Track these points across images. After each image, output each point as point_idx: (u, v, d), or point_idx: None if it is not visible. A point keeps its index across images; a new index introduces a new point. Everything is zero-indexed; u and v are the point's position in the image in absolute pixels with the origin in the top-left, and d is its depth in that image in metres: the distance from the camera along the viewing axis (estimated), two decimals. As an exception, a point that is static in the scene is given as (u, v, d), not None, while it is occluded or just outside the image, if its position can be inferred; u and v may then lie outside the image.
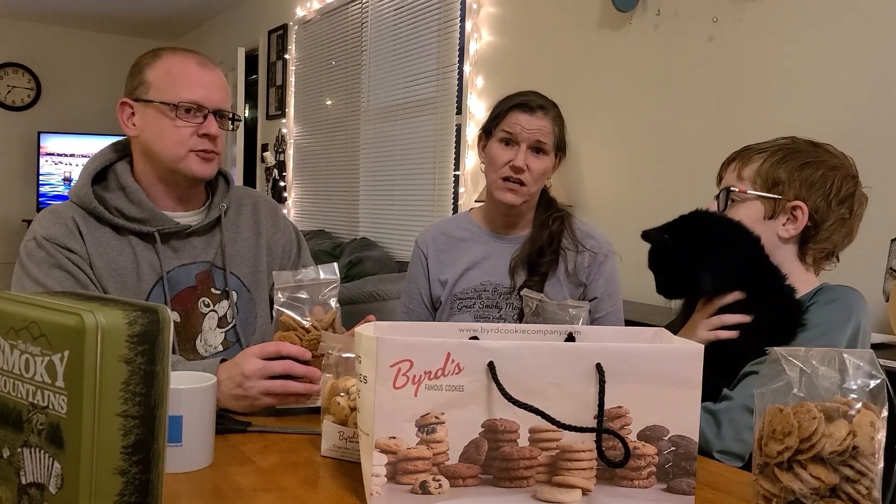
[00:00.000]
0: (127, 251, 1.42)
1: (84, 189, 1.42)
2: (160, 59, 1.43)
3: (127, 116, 1.44)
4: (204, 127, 1.42)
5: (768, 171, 1.30)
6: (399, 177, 4.26)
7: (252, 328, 1.54)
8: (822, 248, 1.31)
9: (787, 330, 1.22)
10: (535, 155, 1.68)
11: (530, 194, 1.71)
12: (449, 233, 1.84)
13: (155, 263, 1.43)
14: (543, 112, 1.69)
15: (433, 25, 3.95)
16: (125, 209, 1.42)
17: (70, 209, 1.42)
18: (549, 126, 1.69)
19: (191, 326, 1.47)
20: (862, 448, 0.74)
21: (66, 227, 1.39)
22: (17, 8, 6.43)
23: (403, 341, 0.82)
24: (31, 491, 0.71)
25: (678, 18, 2.69)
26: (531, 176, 1.68)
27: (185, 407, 0.95)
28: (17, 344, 0.71)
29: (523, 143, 1.67)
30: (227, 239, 1.52)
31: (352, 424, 1.00)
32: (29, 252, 1.38)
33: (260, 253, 1.56)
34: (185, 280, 1.46)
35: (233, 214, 1.56)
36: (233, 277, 1.51)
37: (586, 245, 1.74)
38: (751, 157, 1.33)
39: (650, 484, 0.86)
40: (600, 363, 0.84)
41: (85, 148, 6.68)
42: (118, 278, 1.41)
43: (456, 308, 1.76)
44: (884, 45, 2.12)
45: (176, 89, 1.41)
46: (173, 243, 1.46)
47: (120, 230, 1.43)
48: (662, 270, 1.30)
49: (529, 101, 1.70)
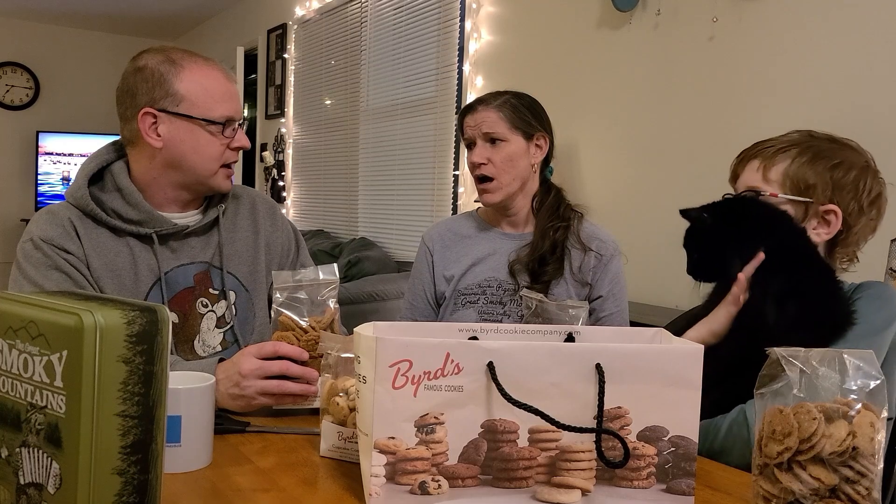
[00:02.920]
0: (124, 252, 1.42)
1: (81, 190, 1.41)
2: (186, 70, 1.41)
3: (149, 126, 1.40)
4: (236, 140, 1.45)
5: (797, 173, 1.24)
6: (398, 176, 4.25)
7: (250, 328, 1.53)
8: (851, 250, 1.28)
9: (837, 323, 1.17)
10: (493, 145, 1.73)
11: (505, 185, 1.74)
12: (455, 230, 1.86)
13: (153, 264, 1.43)
14: (484, 105, 1.75)
15: (433, 25, 3.94)
16: (122, 211, 1.42)
17: (67, 210, 1.42)
18: (492, 114, 1.73)
19: (189, 327, 1.46)
20: (862, 449, 0.74)
21: (62, 229, 1.39)
22: (16, 7, 6.42)
23: (403, 341, 0.82)
24: (30, 491, 0.71)
25: (678, 18, 2.68)
26: (495, 167, 1.72)
27: (184, 407, 0.95)
28: (15, 344, 0.71)
29: (477, 140, 1.74)
30: (224, 239, 1.51)
31: (351, 425, 1.00)
32: (26, 253, 1.38)
33: (258, 252, 1.56)
34: (183, 281, 1.46)
35: (230, 214, 1.55)
36: (231, 277, 1.51)
37: (592, 246, 1.75)
38: (775, 157, 1.27)
39: (650, 484, 0.86)
40: (600, 363, 0.84)
41: (84, 147, 6.68)
42: (116, 279, 1.40)
43: (460, 304, 1.76)
44: (884, 45, 2.12)
45: (213, 105, 1.41)
46: (171, 244, 1.46)
47: (117, 231, 1.42)
48: (696, 250, 1.25)
49: (472, 102, 1.79)
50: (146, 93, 1.40)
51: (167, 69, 1.40)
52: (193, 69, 1.42)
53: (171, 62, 1.41)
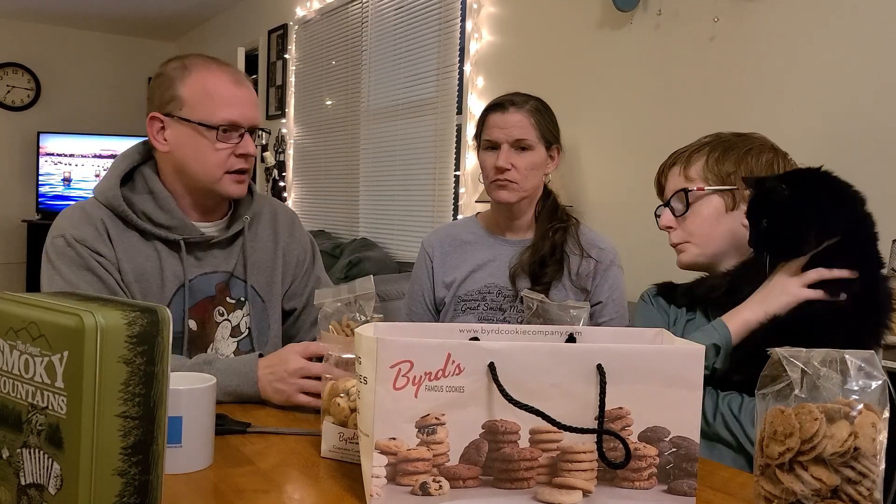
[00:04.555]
0: (153, 257, 1.41)
1: (112, 190, 1.40)
2: (192, 74, 1.39)
3: (157, 130, 1.40)
4: (241, 147, 1.41)
5: (714, 166, 1.32)
6: (399, 177, 4.25)
7: (265, 339, 1.53)
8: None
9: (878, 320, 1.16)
10: (519, 152, 1.70)
11: (524, 190, 1.73)
12: (454, 235, 1.85)
13: (178, 271, 1.42)
14: (516, 107, 1.71)
15: (433, 25, 3.94)
16: (153, 214, 1.41)
17: (98, 210, 1.40)
18: (524, 119, 1.70)
19: (205, 335, 1.46)
20: (863, 449, 0.74)
21: (95, 230, 1.38)
22: (17, 8, 6.42)
23: (404, 342, 0.82)
24: (31, 492, 0.71)
25: (679, 18, 2.68)
26: (518, 173, 1.70)
27: (185, 408, 0.95)
28: (16, 344, 0.71)
29: (504, 144, 1.70)
30: (248, 249, 1.51)
31: (352, 425, 1.00)
32: (58, 250, 1.36)
33: (276, 263, 1.56)
34: (205, 289, 1.46)
35: (253, 225, 1.55)
36: (250, 288, 1.51)
37: (591, 252, 1.75)
38: (691, 158, 1.35)
39: (651, 485, 0.86)
40: (601, 364, 0.84)
41: (85, 148, 6.68)
42: (142, 283, 1.40)
43: (460, 310, 1.76)
44: (884, 46, 2.12)
45: (214, 109, 1.38)
46: (196, 252, 1.45)
47: (146, 235, 1.41)
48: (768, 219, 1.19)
49: (503, 100, 1.74)
50: (157, 97, 1.41)
51: (176, 74, 1.40)
52: (200, 73, 1.39)
53: (183, 67, 1.40)
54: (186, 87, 1.39)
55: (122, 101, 7.04)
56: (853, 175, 1.25)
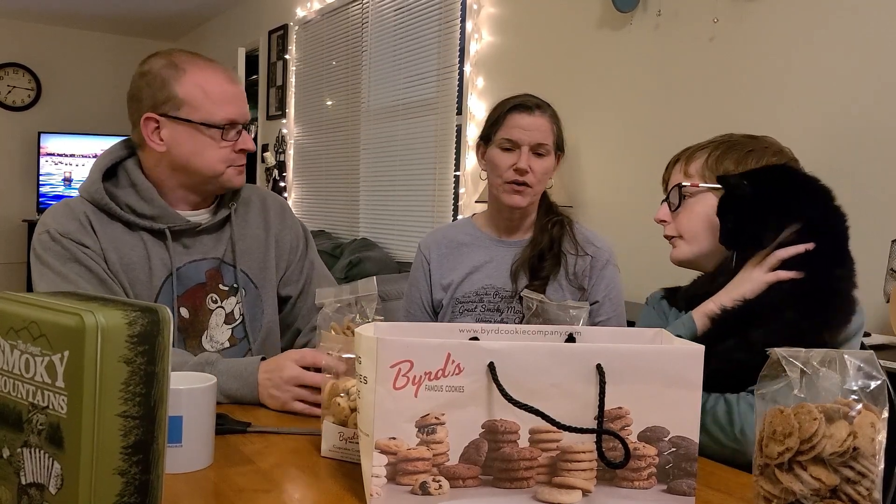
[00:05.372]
0: (139, 247, 1.43)
1: (95, 185, 1.42)
2: (187, 73, 1.40)
3: (152, 131, 1.41)
4: (241, 143, 1.45)
5: (713, 164, 1.31)
6: (399, 177, 4.26)
7: (259, 325, 1.55)
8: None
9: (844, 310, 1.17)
10: (537, 156, 1.69)
11: (536, 195, 1.73)
12: (452, 237, 1.85)
13: (166, 259, 1.44)
14: (541, 111, 1.70)
15: (434, 26, 3.95)
16: (136, 206, 1.43)
17: (82, 205, 1.43)
18: (547, 125, 1.70)
19: (199, 323, 1.48)
20: (862, 449, 0.74)
21: (79, 223, 1.40)
22: (17, 8, 6.43)
23: (404, 342, 0.82)
24: (31, 491, 0.71)
25: (679, 19, 2.69)
26: (535, 177, 1.69)
27: (185, 407, 0.95)
28: (17, 344, 0.71)
29: (524, 146, 1.68)
30: (236, 235, 1.53)
31: (352, 425, 1.00)
32: (45, 245, 1.39)
33: (268, 249, 1.57)
34: (195, 276, 1.47)
35: (241, 211, 1.57)
36: (241, 273, 1.52)
37: (587, 250, 1.75)
38: (693, 154, 1.35)
39: (650, 485, 0.86)
40: (600, 364, 0.84)
41: (85, 148, 6.68)
42: (130, 273, 1.42)
43: (458, 312, 1.76)
44: (884, 46, 2.12)
45: (213, 109, 1.40)
46: (184, 240, 1.47)
47: (131, 226, 1.44)
48: (733, 216, 1.22)
49: (526, 101, 1.71)
50: (149, 97, 1.41)
51: (169, 73, 1.41)
52: (195, 73, 1.41)
53: (174, 66, 1.41)
54: (183, 87, 1.40)
55: (122, 102, 6.91)
56: (853, 175, 1.25)
